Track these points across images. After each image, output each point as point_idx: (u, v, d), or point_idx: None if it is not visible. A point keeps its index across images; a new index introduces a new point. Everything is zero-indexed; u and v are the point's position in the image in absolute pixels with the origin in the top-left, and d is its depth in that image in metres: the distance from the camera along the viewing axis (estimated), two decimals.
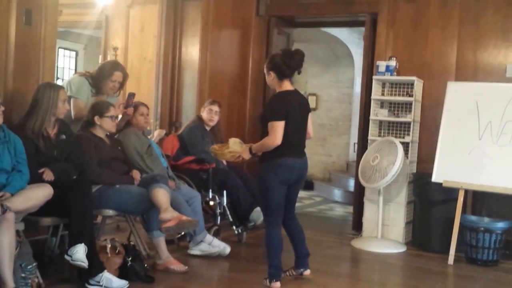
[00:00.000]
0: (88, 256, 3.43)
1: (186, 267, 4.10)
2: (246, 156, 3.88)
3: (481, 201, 5.40)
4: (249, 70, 6.55)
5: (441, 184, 5.03)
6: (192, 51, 5.97)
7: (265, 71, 3.93)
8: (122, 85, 4.52)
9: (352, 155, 9.04)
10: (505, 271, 4.75)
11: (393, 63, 5.75)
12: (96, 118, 4.02)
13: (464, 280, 4.55)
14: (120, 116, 4.32)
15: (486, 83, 5.34)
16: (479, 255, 4.87)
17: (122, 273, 3.70)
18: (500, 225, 4.90)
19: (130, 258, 3.79)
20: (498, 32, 5.56)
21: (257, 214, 4.87)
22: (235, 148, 3.97)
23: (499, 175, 4.86)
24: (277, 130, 3.70)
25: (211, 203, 5.07)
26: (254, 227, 5.09)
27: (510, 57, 5.53)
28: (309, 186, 10.08)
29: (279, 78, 3.85)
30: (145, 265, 3.89)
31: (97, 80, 4.39)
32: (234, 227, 5.05)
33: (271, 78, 3.88)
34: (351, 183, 7.65)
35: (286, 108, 3.77)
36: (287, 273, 4.08)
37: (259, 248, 5.12)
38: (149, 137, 4.92)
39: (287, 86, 3.88)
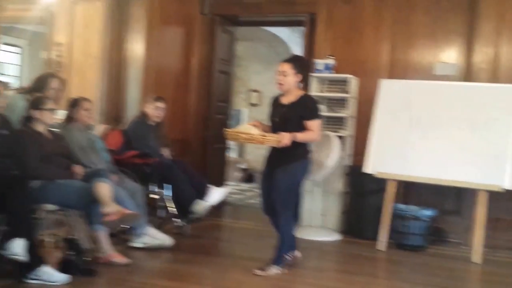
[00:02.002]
0: (27, 250, 3.42)
1: (129, 260, 4.13)
2: (288, 141, 3.94)
3: (411, 191, 5.75)
4: (193, 67, 6.68)
5: (373, 175, 5.34)
6: (136, 47, 6.03)
7: (291, 70, 4.12)
8: (61, 91, 4.57)
9: None
10: (432, 256, 5.09)
11: (331, 61, 6.02)
12: (35, 113, 4.00)
13: (393, 264, 4.85)
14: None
15: (416, 80, 5.63)
16: (408, 241, 5.22)
17: (63, 267, 3.69)
18: (428, 213, 5.26)
19: (71, 252, 3.80)
20: (428, 32, 5.89)
21: (199, 207, 5.02)
22: (251, 131, 4.00)
23: (427, 167, 5.16)
24: (320, 128, 4.14)
25: (154, 196, 5.16)
26: (196, 219, 5.24)
27: (438, 57, 5.87)
28: (251, 179, 10.34)
29: (302, 81, 4.18)
30: (87, 258, 3.89)
31: (36, 92, 4.35)
32: (176, 220, 5.16)
33: (298, 79, 4.15)
34: None
35: None
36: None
37: (202, 239, 5.31)
38: (92, 132, 4.96)
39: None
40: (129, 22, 6.06)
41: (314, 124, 4.05)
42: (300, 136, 4.01)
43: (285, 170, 4.06)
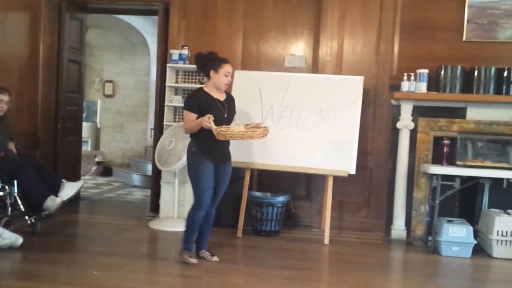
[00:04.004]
0: None
1: None
2: None
3: (265, 178, 5.98)
4: (40, 55, 6.30)
5: None
6: None
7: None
8: None
9: (150, 141, 9.23)
10: (285, 239, 5.36)
11: (185, 52, 6.03)
12: None
13: (251, 250, 5.01)
14: None
15: (268, 72, 5.86)
16: (264, 226, 5.44)
17: None
18: (281, 199, 5.51)
19: None
20: (278, 26, 6.15)
21: (51, 203, 4.80)
22: (241, 129, 4.15)
23: (279, 155, 5.39)
24: None
25: (1, 193, 4.84)
26: (48, 216, 4.99)
27: (287, 49, 6.15)
28: (107, 172, 10.07)
29: None
30: None
31: None
32: (26, 217, 4.89)
33: None
34: (149, 168, 7.83)
35: None
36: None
37: (55, 237, 5.08)
38: None
39: None
40: None
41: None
42: None
43: (230, 164, 4.40)
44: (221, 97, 4.30)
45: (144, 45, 10.33)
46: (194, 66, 5.92)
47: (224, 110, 4.26)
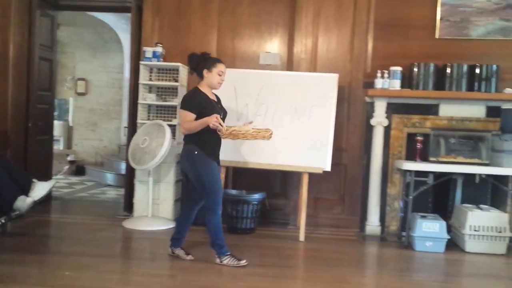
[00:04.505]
0: None
1: None
2: None
3: (240, 176, 5.97)
4: (10, 53, 6.14)
5: None
6: None
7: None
8: None
9: (124, 139, 9.14)
10: (261, 237, 5.35)
11: (159, 49, 5.97)
12: None
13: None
14: None
15: (243, 69, 5.84)
16: (239, 224, 5.42)
17: None
18: (256, 196, 5.50)
19: None
20: (252, 23, 6.15)
21: (21, 203, 4.70)
22: (249, 129, 4.26)
23: (254, 153, 5.38)
24: None
25: None
26: (19, 216, 4.89)
27: (262, 47, 6.15)
28: (80, 171, 9.94)
29: None
30: None
31: None
32: None
33: None
34: (123, 166, 7.75)
35: None
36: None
37: (26, 237, 4.98)
38: None
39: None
40: None
41: None
42: None
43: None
44: (212, 97, 4.31)
45: (117, 43, 10.22)
46: (169, 64, 5.95)
47: (220, 110, 4.27)
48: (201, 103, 4.14)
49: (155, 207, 5.75)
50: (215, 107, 4.22)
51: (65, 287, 3.64)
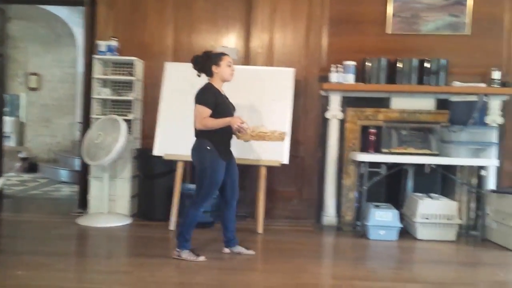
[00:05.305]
0: None
1: None
2: None
3: None
4: None
5: (162, 157, 5.42)
6: None
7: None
8: None
9: (78, 135, 8.97)
10: (220, 230, 5.33)
11: (114, 43, 5.90)
12: None
13: None
14: None
15: None
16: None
17: None
18: None
19: None
20: (209, 18, 6.14)
21: None
22: (261, 129, 4.17)
23: None
24: None
25: None
26: None
27: (219, 41, 6.16)
28: (33, 168, 9.73)
29: None
30: None
31: None
32: None
33: None
34: (77, 163, 7.62)
35: None
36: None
37: None
38: None
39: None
40: None
41: None
42: None
43: (234, 159, 4.40)
44: (221, 91, 4.30)
45: (70, 37, 10.01)
46: (125, 58, 5.88)
47: (230, 105, 4.30)
48: (216, 99, 4.14)
49: (111, 204, 5.69)
50: (227, 103, 4.26)
51: (18, 287, 3.56)
